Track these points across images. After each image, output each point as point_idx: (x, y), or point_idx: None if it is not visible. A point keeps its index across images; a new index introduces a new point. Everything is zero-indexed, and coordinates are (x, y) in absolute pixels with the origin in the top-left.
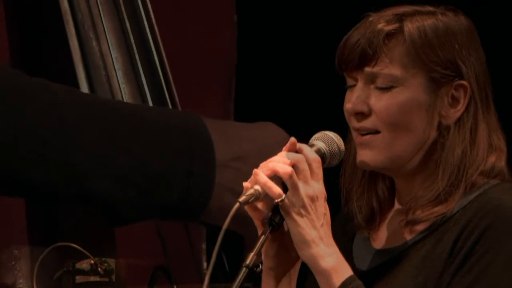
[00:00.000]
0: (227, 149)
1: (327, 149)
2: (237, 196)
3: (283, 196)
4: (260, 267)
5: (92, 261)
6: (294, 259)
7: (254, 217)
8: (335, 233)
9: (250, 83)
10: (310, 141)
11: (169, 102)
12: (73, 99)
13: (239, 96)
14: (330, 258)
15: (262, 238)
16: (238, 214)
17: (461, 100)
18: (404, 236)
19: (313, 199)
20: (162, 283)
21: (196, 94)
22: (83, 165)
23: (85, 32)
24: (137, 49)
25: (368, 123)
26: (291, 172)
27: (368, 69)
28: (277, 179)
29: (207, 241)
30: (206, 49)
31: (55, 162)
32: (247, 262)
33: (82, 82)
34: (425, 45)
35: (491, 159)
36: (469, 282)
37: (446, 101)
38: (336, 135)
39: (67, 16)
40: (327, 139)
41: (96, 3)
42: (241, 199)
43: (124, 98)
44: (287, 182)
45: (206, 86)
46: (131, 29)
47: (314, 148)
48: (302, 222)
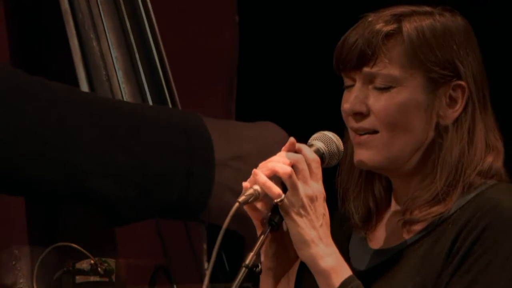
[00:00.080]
0: (227, 149)
1: (326, 149)
2: (237, 196)
3: (283, 196)
4: (260, 267)
5: (92, 261)
6: (293, 259)
7: (253, 217)
8: (332, 233)
9: (252, 83)
10: (309, 141)
11: (170, 102)
12: (73, 98)
13: (241, 96)
14: (330, 258)
15: (262, 238)
16: (238, 214)
17: (459, 101)
18: (402, 236)
19: (312, 199)
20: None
21: (197, 94)
22: (83, 165)
23: (86, 32)
24: (138, 49)
25: (367, 124)
26: (291, 172)
27: (367, 69)
28: (277, 179)
29: (208, 241)
30: (207, 49)
31: (55, 161)
32: (247, 262)
33: (83, 82)
34: (424, 45)
35: (489, 159)
36: (468, 282)
37: (444, 101)
38: (335, 135)
39: (68, 16)
40: (326, 139)
41: (97, 3)
42: (241, 199)
43: (124, 98)
44: (287, 182)
45: (207, 86)
46: (132, 29)
47: (313, 148)
48: (302, 222)
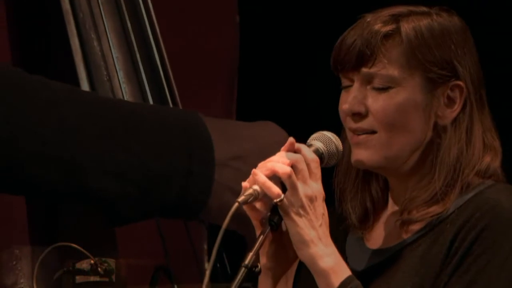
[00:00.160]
0: (227, 148)
1: (325, 149)
2: (237, 195)
3: (282, 196)
4: (259, 267)
5: (92, 261)
6: (292, 259)
7: (253, 217)
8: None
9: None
10: (308, 141)
11: (170, 102)
12: (73, 98)
13: (241, 96)
14: (329, 258)
15: (261, 238)
16: (238, 214)
17: (457, 100)
18: (400, 236)
19: (312, 199)
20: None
21: (198, 94)
22: (83, 164)
23: (86, 32)
24: (138, 49)
25: (365, 124)
26: (290, 172)
27: (365, 70)
28: (276, 179)
29: (209, 241)
30: (208, 49)
31: (55, 161)
32: (246, 262)
33: (83, 82)
34: (422, 45)
35: (487, 159)
36: (467, 282)
37: (442, 101)
38: (334, 135)
39: (68, 16)
40: (325, 139)
41: (97, 3)
42: (240, 199)
43: (125, 98)
44: (286, 182)
45: (208, 86)
46: (132, 29)
47: (312, 148)
48: (301, 222)
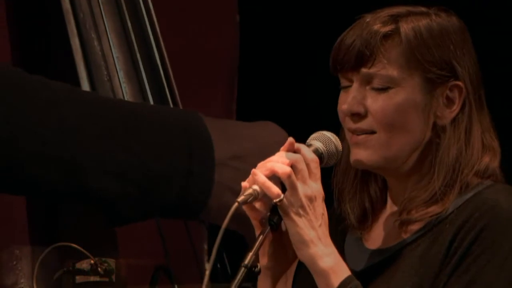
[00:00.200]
0: (227, 148)
1: (325, 149)
2: (237, 195)
3: (282, 196)
4: (259, 267)
5: (92, 261)
6: (292, 259)
7: (252, 217)
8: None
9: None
10: (308, 141)
11: (171, 102)
12: (73, 98)
13: (241, 96)
14: (329, 258)
15: (261, 238)
16: (237, 214)
17: (456, 101)
18: (399, 236)
19: (311, 199)
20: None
21: (198, 94)
22: (83, 164)
23: (87, 32)
24: (139, 49)
25: (364, 124)
26: (290, 172)
27: (365, 70)
28: (276, 179)
29: (209, 241)
30: (208, 49)
31: (55, 161)
32: (246, 262)
33: (84, 82)
34: (421, 46)
35: (485, 159)
36: (466, 282)
37: (441, 102)
38: (334, 135)
39: (69, 16)
40: (325, 139)
41: (98, 3)
42: (240, 199)
43: (126, 98)
44: (286, 182)
45: (208, 86)
46: (133, 29)
47: (312, 148)
48: (301, 222)
